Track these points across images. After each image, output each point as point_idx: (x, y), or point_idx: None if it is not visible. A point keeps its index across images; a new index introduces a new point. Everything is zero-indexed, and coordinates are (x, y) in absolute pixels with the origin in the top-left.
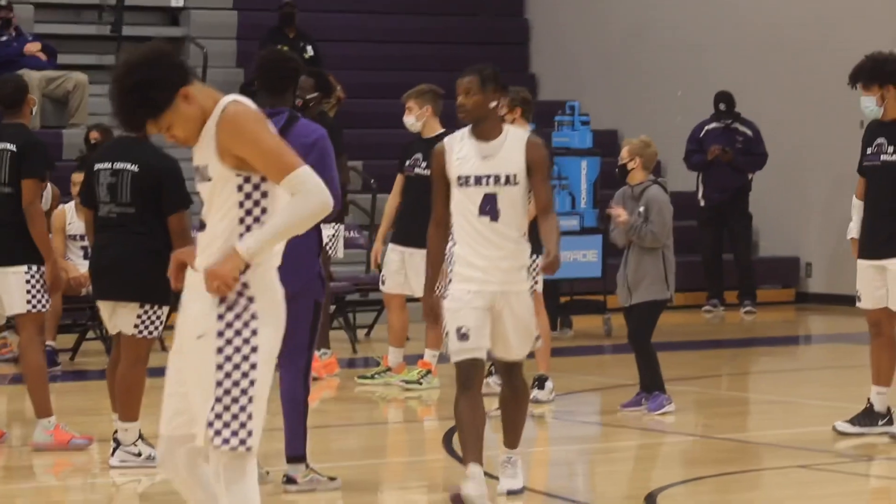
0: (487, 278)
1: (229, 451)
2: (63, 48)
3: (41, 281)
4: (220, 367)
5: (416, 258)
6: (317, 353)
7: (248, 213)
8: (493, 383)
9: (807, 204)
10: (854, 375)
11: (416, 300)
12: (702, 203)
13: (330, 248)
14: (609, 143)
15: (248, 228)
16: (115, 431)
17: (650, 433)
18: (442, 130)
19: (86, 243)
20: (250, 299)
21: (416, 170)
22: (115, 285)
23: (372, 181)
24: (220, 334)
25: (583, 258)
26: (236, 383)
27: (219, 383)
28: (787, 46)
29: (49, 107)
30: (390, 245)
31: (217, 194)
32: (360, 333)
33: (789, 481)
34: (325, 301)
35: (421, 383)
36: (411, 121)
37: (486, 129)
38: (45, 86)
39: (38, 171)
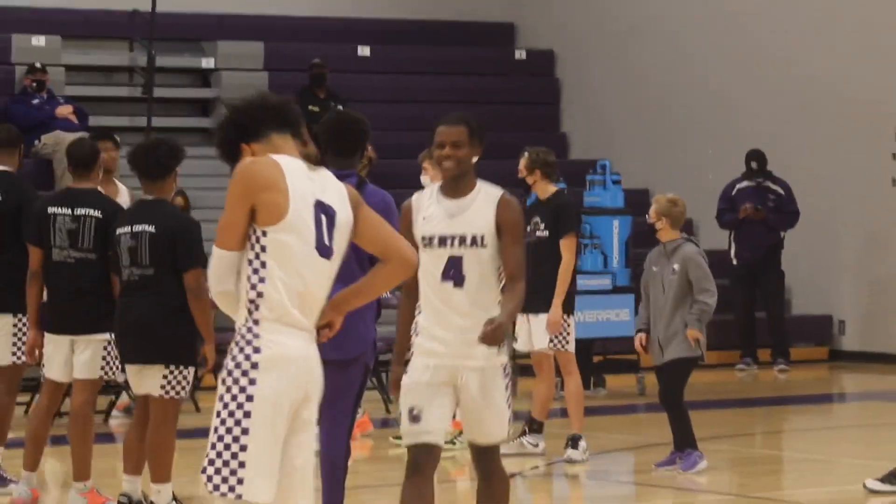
0: (450, 351)
1: (221, 498)
2: (94, 110)
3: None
4: (218, 413)
5: None
6: None
7: (250, 263)
8: (526, 443)
9: (839, 261)
10: (889, 433)
11: None
12: (734, 261)
13: None
14: (641, 201)
15: (249, 278)
16: (122, 493)
17: (684, 492)
18: None
19: None
20: (256, 349)
21: None
22: (139, 348)
23: None
24: (223, 382)
25: (615, 317)
26: (229, 430)
27: (215, 429)
28: (819, 104)
29: None
30: None
31: None
32: None
33: None
34: None
35: (454, 443)
36: (427, 181)
37: (459, 186)
38: None
39: None
